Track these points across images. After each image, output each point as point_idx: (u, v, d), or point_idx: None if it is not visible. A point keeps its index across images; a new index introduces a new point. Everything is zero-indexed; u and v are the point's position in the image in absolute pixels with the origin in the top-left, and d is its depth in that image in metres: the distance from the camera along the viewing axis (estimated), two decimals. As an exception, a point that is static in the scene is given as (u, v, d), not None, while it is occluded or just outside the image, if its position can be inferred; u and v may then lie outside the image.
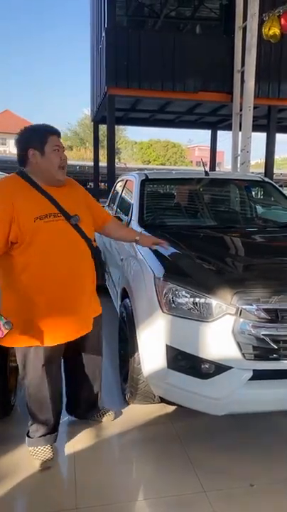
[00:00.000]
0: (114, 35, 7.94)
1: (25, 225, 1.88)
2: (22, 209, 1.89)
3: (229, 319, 2.03)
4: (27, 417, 2.28)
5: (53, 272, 1.96)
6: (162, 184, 4.34)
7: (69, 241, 2.01)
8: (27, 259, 1.92)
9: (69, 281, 2.01)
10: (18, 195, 1.92)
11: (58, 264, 1.97)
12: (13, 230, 1.87)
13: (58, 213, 1.98)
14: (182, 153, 46.03)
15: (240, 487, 1.99)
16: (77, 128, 43.88)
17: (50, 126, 2.04)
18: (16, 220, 1.87)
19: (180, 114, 11.09)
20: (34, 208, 1.93)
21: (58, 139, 2.02)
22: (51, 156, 1.97)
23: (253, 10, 6.91)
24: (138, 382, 2.42)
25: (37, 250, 1.92)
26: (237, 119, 8.03)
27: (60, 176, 2.02)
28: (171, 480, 2.05)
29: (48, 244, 1.93)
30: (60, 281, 1.98)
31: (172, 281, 2.23)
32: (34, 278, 1.94)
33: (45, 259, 1.94)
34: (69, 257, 2.01)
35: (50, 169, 1.98)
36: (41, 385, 2.07)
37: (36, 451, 2.14)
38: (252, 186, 4.28)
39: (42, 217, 1.91)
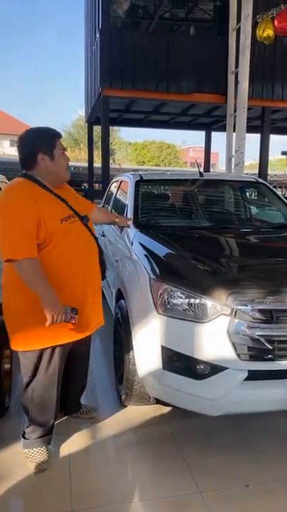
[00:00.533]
0: (108, 36, 7.94)
1: (52, 227, 1.91)
2: (46, 212, 1.91)
3: (224, 320, 2.04)
4: (21, 419, 2.27)
5: (75, 270, 2.02)
6: (157, 185, 4.34)
7: (87, 240, 2.12)
8: (53, 258, 1.95)
9: (88, 279, 2.09)
10: (39, 198, 1.92)
11: (80, 263, 2.04)
12: (40, 233, 1.89)
13: (73, 214, 2.05)
14: (177, 154, 46.13)
15: (236, 487, 1.99)
16: (71, 129, 43.82)
17: (54, 130, 2.09)
18: (43, 222, 1.88)
19: (174, 115, 11.11)
20: (57, 210, 1.98)
21: (60, 142, 2.08)
22: (59, 159, 2.03)
23: (247, 11, 6.94)
24: (133, 384, 2.41)
25: (62, 250, 1.96)
26: (231, 120, 8.06)
27: (67, 176, 2.12)
28: (167, 481, 2.04)
29: (73, 244, 2.01)
30: (80, 278, 2.05)
31: (167, 282, 2.23)
32: (56, 277, 1.94)
33: (68, 258, 1.99)
34: (88, 255, 2.12)
35: (58, 172, 2.05)
36: (50, 385, 2.08)
37: (31, 453, 2.13)
38: (246, 187, 4.29)
39: (66, 219, 1.99)
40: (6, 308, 2.04)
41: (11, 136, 41.50)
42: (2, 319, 2.48)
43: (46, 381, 2.06)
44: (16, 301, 1.98)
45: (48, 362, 2.04)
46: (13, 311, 2.01)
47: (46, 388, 2.08)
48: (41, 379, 2.06)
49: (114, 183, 4.76)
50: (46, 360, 2.03)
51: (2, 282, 2.05)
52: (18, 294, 1.95)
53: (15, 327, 2.01)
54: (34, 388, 2.07)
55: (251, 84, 7.69)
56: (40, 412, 2.11)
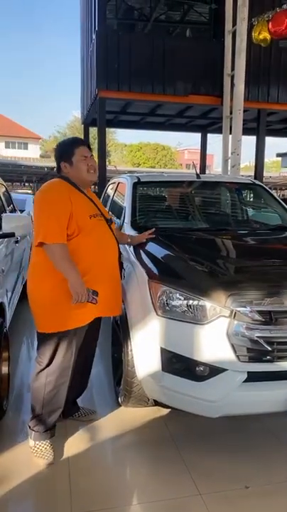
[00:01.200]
0: (104, 38, 7.95)
1: (83, 221, 2.14)
2: (77, 207, 2.14)
3: (223, 321, 2.04)
4: (19, 422, 2.26)
5: (95, 263, 2.18)
6: (154, 187, 4.35)
7: (109, 238, 2.30)
8: (77, 249, 2.12)
9: (108, 270, 2.27)
10: (72, 194, 2.17)
11: (100, 257, 2.21)
12: (71, 224, 2.10)
13: (100, 214, 2.28)
14: (172, 156, 46.18)
15: (235, 489, 1.99)
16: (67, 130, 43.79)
17: (73, 140, 2.36)
18: (74, 216, 2.11)
19: (170, 117, 11.11)
20: (87, 207, 2.22)
21: (85, 148, 2.28)
22: (79, 164, 2.24)
23: (243, 14, 6.97)
24: (132, 386, 2.41)
25: (88, 242, 2.16)
26: (227, 122, 8.08)
27: (91, 177, 2.29)
28: (166, 483, 2.04)
29: (98, 239, 2.21)
30: (102, 268, 2.22)
31: (166, 284, 2.23)
32: (80, 264, 2.12)
33: (93, 250, 2.18)
34: (109, 252, 2.28)
35: (79, 175, 2.25)
36: (65, 370, 2.18)
37: (39, 446, 2.19)
38: (243, 189, 4.31)
39: (94, 216, 2.23)
40: (31, 293, 2.20)
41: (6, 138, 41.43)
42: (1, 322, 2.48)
43: (63, 365, 2.16)
44: (41, 287, 2.15)
45: (67, 344, 2.15)
46: (40, 296, 2.16)
47: (62, 372, 2.17)
48: (58, 363, 2.16)
49: (110, 185, 4.76)
50: (65, 344, 2.15)
51: (28, 271, 2.26)
52: (42, 280, 2.15)
53: (41, 311, 2.17)
54: (50, 373, 2.17)
55: (247, 86, 7.72)
56: (51, 399, 2.18)
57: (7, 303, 2.86)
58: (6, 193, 4.39)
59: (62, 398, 2.21)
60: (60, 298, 2.08)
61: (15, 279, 3.72)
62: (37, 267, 2.19)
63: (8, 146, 41.68)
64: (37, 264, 2.19)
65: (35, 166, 19.80)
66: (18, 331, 3.99)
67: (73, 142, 2.33)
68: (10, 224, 3.08)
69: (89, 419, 2.55)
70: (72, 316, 2.12)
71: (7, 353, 2.64)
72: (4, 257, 3.00)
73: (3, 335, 2.45)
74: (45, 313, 2.15)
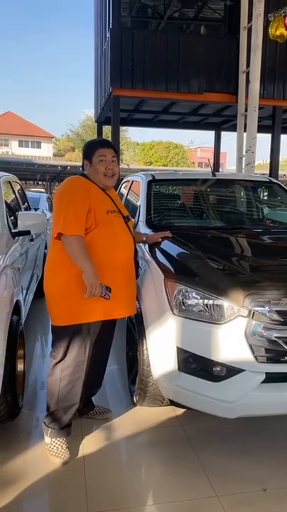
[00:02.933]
0: (118, 36, 7.92)
1: (100, 215, 2.18)
2: (96, 202, 2.20)
3: (241, 321, 2.01)
4: (34, 419, 2.27)
5: (114, 255, 2.21)
6: (169, 185, 4.32)
7: (126, 235, 2.32)
8: (93, 242, 2.15)
9: (124, 267, 2.27)
10: (91, 190, 2.22)
11: (115, 253, 2.22)
12: (89, 218, 2.14)
13: (118, 211, 2.31)
14: (184, 154, 45.99)
15: (253, 491, 1.96)
16: (80, 129, 43.93)
17: (100, 141, 2.45)
18: (93, 210, 2.16)
19: (184, 115, 11.04)
20: (104, 203, 2.26)
21: (107, 150, 2.29)
22: (96, 166, 2.27)
23: (259, 10, 6.89)
24: (147, 385, 2.39)
25: (105, 237, 2.19)
26: (242, 119, 8.00)
27: (106, 182, 2.29)
28: (182, 484, 2.02)
29: (115, 234, 2.23)
30: (117, 264, 2.22)
31: (182, 283, 2.21)
32: (96, 257, 2.14)
33: (109, 244, 2.20)
34: (126, 248, 2.29)
35: (96, 175, 2.28)
36: (80, 364, 2.18)
37: (54, 443, 2.19)
38: (258, 187, 4.25)
39: (111, 211, 2.26)
40: (47, 286, 2.24)
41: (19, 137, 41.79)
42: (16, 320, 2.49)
43: (77, 359, 2.17)
44: (56, 280, 2.20)
45: (81, 338, 2.16)
46: (54, 289, 2.20)
47: (76, 368, 2.17)
48: (73, 358, 2.17)
49: (124, 183, 4.75)
50: (79, 338, 2.16)
51: (45, 264, 2.31)
52: (58, 273, 2.19)
53: (55, 304, 2.19)
54: (64, 368, 2.18)
55: (262, 83, 7.63)
56: (66, 394, 2.19)
57: (22, 300, 2.86)
58: (20, 191, 4.41)
59: (77, 394, 2.21)
60: (74, 291, 2.11)
61: (30, 277, 3.74)
62: (54, 260, 2.23)
63: (22, 145, 42.04)
64: (54, 257, 2.23)
65: (49, 165, 19.91)
66: (33, 329, 4.01)
67: (98, 143, 2.39)
68: (25, 222, 3.08)
69: (105, 417, 2.54)
70: (85, 310, 2.13)
71: (22, 351, 2.65)
72: (20, 255, 3.01)
73: (19, 332, 2.46)
74: (60, 306, 2.17)
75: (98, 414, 2.54)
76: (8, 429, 2.39)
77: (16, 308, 2.54)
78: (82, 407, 2.50)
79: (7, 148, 40.35)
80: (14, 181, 4.14)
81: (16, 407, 2.40)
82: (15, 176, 4.32)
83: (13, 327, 2.34)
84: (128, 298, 2.32)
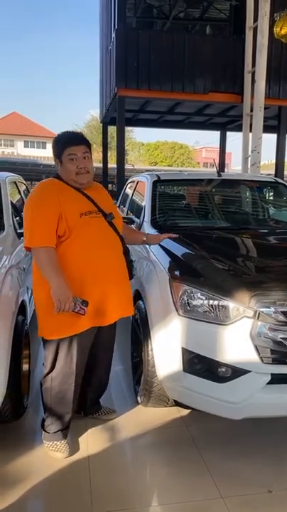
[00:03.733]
0: (123, 36, 7.93)
1: (72, 220, 2.04)
2: (67, 206, 2.05)
3: (246, 322, 2.00)
4: (39, 419, 2.27)
5: (92, 263, 2.09)
6: (174, 185, 4.32)
7: (109, 236, 2.18)
8: (72, 249, 2.05)
9: (106, 272, 2.13)
10: (62, 194, 2.08)
11: (97, 257, 2.10)
12: (61, 226, 2.02)
13: (97, 211, 2.15)
14: (189, 154, 45.89)
15: (258, 493, 1.95)
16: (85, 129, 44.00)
17: (69, 137, 2.18)
18: (64, 217, 2.02)
19: (189, 115, 11.04)
20: (78, 205, 2.10)
21: (76, 148, 2.11)
22: (67, 165, 2.12)
23: (265, 10, 6.86)
24: (152, 385, 2.39)
25: (81, 243, 2.06)
26: (248, 119, 7.98)
27: (80, 180, 2.13)
28: (187, 485, 2.01)
29: (91, 238, 2.09)
30: (97, 272, 2.10)
31: (187, 283, 2.20)
32: (77, 266, 2.06)
33: (86, 251, 2.08)
34: (107, 251, 2.15)
35: (68, 175, 2.14)
36: (69, 376, 2.14)
37: (52, 445, 2.20)
38: (264, 187, 4.24)
39: (86, 214, 2.09)
40: (34, 298, 2.19)
41: (25, 137, 41.92)
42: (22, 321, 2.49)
43: (64, 370, 2.13)
44: (39, 292, 2.12)
45: (66, 352, 2.11)
46: (38, 301, 2.15)
47: (64, 378, 2.14)
48: (60, 369, 2.13)
49: (129, 184, 4.75)
50: (64, 350, 2.11)
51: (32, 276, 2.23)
52: (39, 286, 2.10)
53: (39, 316, 2.14)
54: (53, 378, 2.15)
55: (268, 83, 7.60)
56: (58, 402, 2.18)
57: (28, 301, 2.87)
58: (26, 191, 4.42)
59: (68, 403, 2.18)
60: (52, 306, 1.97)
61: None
62: (36, 271, 2.11)
63: (27, 145, 42.16)
64: (35, 268, 2.11)
65: (54, 165, 19.88)
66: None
67: (66, 140, 2.15)
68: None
69: (109, 418, 2.53)
70: (68, 323, 2.04)
71: (28, 351, 2.65)
72: (25, 255, 3.02)
73: (24, 332, 2.46)
74: (43, 319, 2.11)
75: (103, 415, 2.54)
76: (13, 429, 2.39)
77: (22, 308, 2.55)
78: (88, 408, 2.50)
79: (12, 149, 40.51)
80: (20, 182, 4.16)
81: (21, 407, 2.41)
82: (20, 177, 4.34)
83: (19, 327, 2.35)
84: (119, 301, 2.21)
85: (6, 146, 41.28)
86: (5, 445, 2.28)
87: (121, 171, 8.41)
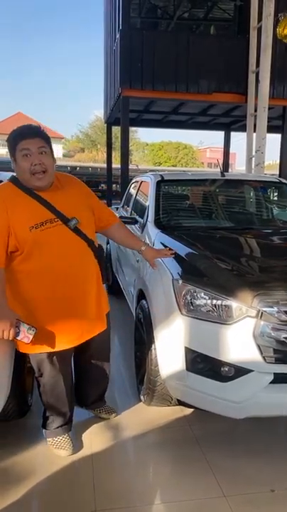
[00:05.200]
0: (128, 36, 7.95)
1: (22, 235, 1.85)
2: (16, 219, 1.85)
3: (249, 322, 2.01)
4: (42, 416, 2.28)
5: (55, 279, 1.94)
6: (178, 185, 4.32)
7: (68, 246, 1.96)
8: (28, 268, 1.91)
9: (73, 286, 2.00)
10: (10, 204, 1.87)
11: (60, 271, 1.95)
12: (11, 241, 1.85)
13: (55, 218, 1.92)
14: (194, 154, 45.89)
15: (261, 492, 1.96)
16: (89, 130, 44.08)
17: (21, 130, 1.90)
18: (13, 231, 1.84)
19: (193, 116, 11.05)
20: (28, 216, 1.88)
21: (30, 141, 1.85)
22: (21, 163, 1.87)
23: (269, 10, 6.86)
24: (155, 384, 2.40)
25: (36, 259, 1.89)
26: (252, 120, 7.98)
27: (36, 182, 1.89)
28: (190, 483, 2.02)
29: (47, 252, 1.90)
30: (64, 287, 1.97)
31: (190, 283, 2.21)
32: (37, 286, 1.94)
33: (45, 267, 1.91)
34: (70, 262, 1.98)
35: (24, 176, 1.90)
36: (58, 382, 2.16)
37: (55, 441, 2.22)
38: (268, 187, 4.23)
39: (37, 226, 1.87)
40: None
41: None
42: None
43: (51, 380, 2.14)
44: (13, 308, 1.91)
45: (49, 365, 2.10)
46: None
47: (54, 385, 2.16)
48: (46, 379, 2.15)
49: (133, 184, 4.76)
50: (46, 364, 2.10)
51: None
52: (12, 302, 1.92)
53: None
54: (43, 383, 2.17)
55: (272, 83, 7.59)
56: (54, 403, 2.21)
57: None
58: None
59: (63, 404, 2.21)
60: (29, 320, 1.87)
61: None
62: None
63: (32, 145, 42.21)
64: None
65: (58, 166, 19.99)
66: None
67: (18, 134, 1.89)
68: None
69: (107, 417, 2.52)
70: (42, 342, 1.95)
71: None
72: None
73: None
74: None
75: (103, 413, 2.52)
76: (16, 426, 2.41)
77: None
78: (90, 403, 2.50)
79: (17, 149, 40.56)
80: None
81: (25, 405, 2.43)
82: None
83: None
84: (92, 317, 2.10)
85: (10, 146, 41.29)
86: (8, 442, 2.30)
87: (125, 171, 8.43)
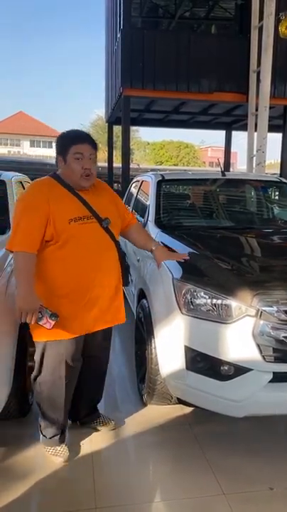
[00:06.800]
0: (129, 36, 7.95)
1: (60, 226, 1.95)
2: (57, 210, 1.96)
3: (248, 321, 2.02)
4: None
5: (84, 270, 2.02)
6: (178, 185, 4.33)
7: (100, 243, 2.08)
8: (60, 256, 1.99)
9: (99, 280, 2.07)
10: (53, 196, 1.99)
11: (88, 265, 2.03)
12: (48, 230, 1.94)
13: (91, 216, 2.05)
14: (195, 153, 45.82)
15: (260, 490, 1.97)
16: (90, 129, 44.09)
17: (76, 135, 2.08)
18: (52, 221, 1.94)
19: (194, 115, 11.05)
20: (69, 209, 2.00)
21: (84, 146, 2.02)
22: (72, 164, 2.02)
23: (270, 9, 6.85)
24: (155, 383, 2.41)
25: (69, 250, 1.99)
26: (253, 119, 7.98)
27: (84, 183, 2.05)
28: (190, 482, 2.04)
29: (81, 246, 2.01)
30: (89, 278, 2.04)
31: (190, 283, 2.22)
32: (64, 273, 2.01)
33: (76, 259, 2.01)
34: (100, 258, 2.07)
35: (72, 176, 2.05)
36: (57, 382, 2.08)
37: (53, 449, 2.19)
38: (269, 187, 4.24)
39: (76, 220, 1.99)
40: None
41: (31, 137, 42.10)
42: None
43: (52, 377, 2.08)
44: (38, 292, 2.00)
45: (54, 357, 2.06)
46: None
47: (53, 384, 2.09)
48: (47, 374, 2.09)
49: (134, 183, 4.77)
50: (51, 355, 2.06)
51: None
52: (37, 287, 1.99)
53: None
54: (41, 383, 2.12)
55: (273, 82, 7.59)
56: (49, 407, 2.15)
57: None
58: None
59: (60, 408, 2.14)
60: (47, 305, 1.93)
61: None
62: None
63: (33, 145, 42.34)
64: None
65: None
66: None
67: (74, 137, 2.06)
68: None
69: (108, 428, 2.42)
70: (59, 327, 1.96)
71: (33, 348, 2.68)
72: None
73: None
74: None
75: (101, 425, 2.43)
76: (16, 425, 2.42)
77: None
78: (84, 416, 2.42)
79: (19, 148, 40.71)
80: (25, 181, 4.19)
81: (26, 403, 2.44)
82: (26, 176, 4.37)
83: (24, 323, 2.36)
84: (107, 310, 2.14)
85: (12, 145, 41.48)
86: (8, 441, 2.31)
87: (126, 170, 8.44)
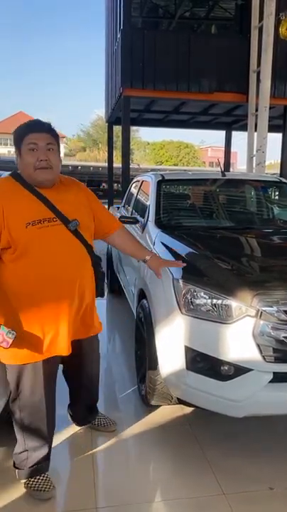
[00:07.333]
0: (129, 36, 7.95)
1: (16, 231, 1.73)
2: (13, 214, 1.74)
3: (249, 321, 2.02)
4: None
5: (49, 283, 1.79)
6: (178, 185, 4.33)
7: (67, 249, 1.84)
8: (20, 268, 1.76)
9: (66, 292, 1.84)
10: (8, 198, 1.77)
11: (54, 274, 1.80)
12: (3, 237, 1.73)
13: (54, 218, 1.81)
14: (195, 153, 45.88)
15: (260, 490, 1.98)
16: (90, 129, 44.10)
17: (32, 123, 1.85)
18: (6, 225, 1.73)
19: (194, 115, 11.04)
20: (26, 212, 1.77)
21: (39, 135, 1.78)
22: (26, 157, 1.78)
23: (270, 9, 6.85)
24: (155, 383, 2.41)
25: (31, 258, 1.76)
26: (253, 119, 7.98)
27: (39, 177, 1.80)
28: (190, 481, 2.04)
29: (43, 253, 1.77)
30: (57, 292, 1.81)
31: (191, 283, 2.22)
32: (28, 289, 1.77)
33: (39, 268, 1.77)
34: (67, 265, 1.84)
35: (26, 170, 1.81)
36: (38, 404, 1.87)
37: (32, 482, 1.92)
38: (269, 187, 4.24)
39: (34, 223, 1.75)
40: None
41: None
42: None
43: (32, 399, 1.86)
44: None
45: (31, 379, 1.84)
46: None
47: (34, 408, 1.87)
48: (26, 398, 1.86)
49: (134, 183, 4.77)
50: (28, 378, 1.84)
51: None
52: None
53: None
54: (21, 407, 1.88)
55: (273, 82, 7.58)
56: (32, 434, 1.90)
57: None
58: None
59: (42, 433, 1.91)
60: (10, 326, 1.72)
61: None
62: None
63: (33, 144, 42.24)
64: None
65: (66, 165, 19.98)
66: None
67: (27, 125, 1.81)
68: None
69: (109, 430, 2.39)
70: (24, 350, 1.77)
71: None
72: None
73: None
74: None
75: (101, 426, 2.40)
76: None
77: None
78: (84, 417, 2.38)
79: (19, 148, 40.59)
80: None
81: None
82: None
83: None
84: (78, 325, 1.96)
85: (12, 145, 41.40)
86: (7, 440, 2.31)
87: (126, 170, 8.44)
